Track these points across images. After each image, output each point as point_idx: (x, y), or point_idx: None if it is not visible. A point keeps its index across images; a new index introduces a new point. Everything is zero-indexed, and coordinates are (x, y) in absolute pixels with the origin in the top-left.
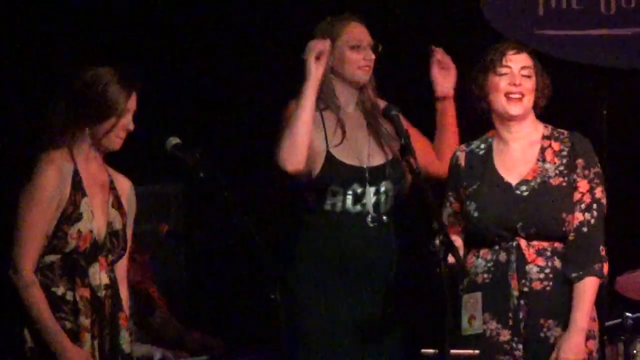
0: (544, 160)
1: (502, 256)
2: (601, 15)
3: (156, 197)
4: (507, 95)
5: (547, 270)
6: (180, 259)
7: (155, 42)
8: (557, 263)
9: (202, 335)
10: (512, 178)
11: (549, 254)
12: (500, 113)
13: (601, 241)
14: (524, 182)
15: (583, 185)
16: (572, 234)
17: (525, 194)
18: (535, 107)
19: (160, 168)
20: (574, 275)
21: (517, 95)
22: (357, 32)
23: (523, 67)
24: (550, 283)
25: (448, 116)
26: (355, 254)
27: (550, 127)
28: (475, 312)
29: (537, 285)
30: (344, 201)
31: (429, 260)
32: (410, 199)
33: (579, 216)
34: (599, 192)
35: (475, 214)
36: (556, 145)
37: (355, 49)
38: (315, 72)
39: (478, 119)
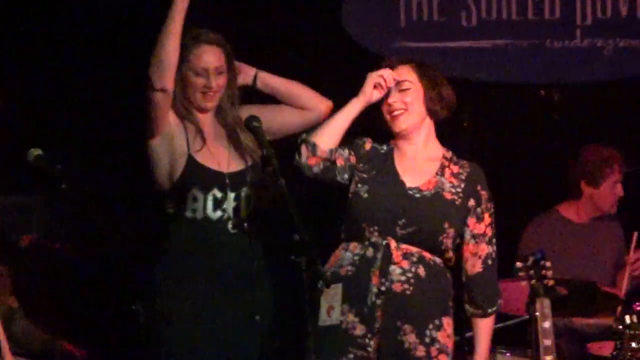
0: (442, 176)
1: (370, 252)
2: (462, 27)
3: (18, 207)
4: (389, 114)
5: (410, 275)
6: (44, 269)
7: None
8: (421, 271)
9: (67, 345)
10: (408, 181)
11: (415, 259)
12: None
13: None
14: (418, 189)
15: (487, 218)
16: (480, 266)
17: (417, 195)
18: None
19: (23, 178)
20: (479, 311)
21: (398, 112)
22: (205, 57)
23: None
24: (411, 288)
25: None
26: (217, 260)
27: (451, 152)
28: (334, 303)
29: (397, 287)
30: (204, 207)
31: (291, 266)
32: (274, 205)
33: (486, 248)
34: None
35: (365, 196)
36: (455, 168)
37: (199, 75)
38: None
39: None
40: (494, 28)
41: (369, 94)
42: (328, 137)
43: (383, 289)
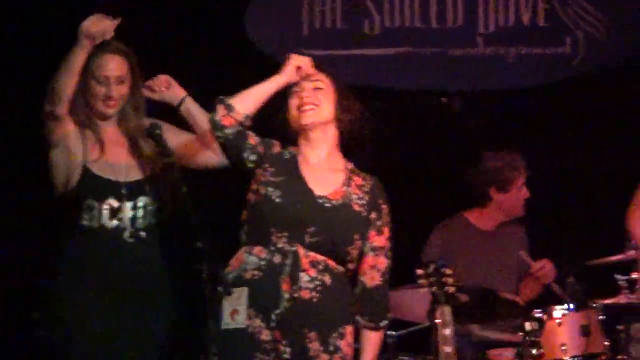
0: (349, 186)
1: (277, 258)
2: (365, 35)
3: None
4: (299, 108)
5: (317, 282)
6: None
7: None
8: (327, 279)
9: None
10: (316, 189)
11: (321, 267)
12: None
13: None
14: (327, 198)
15: (387, 231)
16: (379, 278)
17: (327, 205)
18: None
19: None
20: (372, 324)
21: (309, 106)
22: (106, 66)
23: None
24: (318, 295)
25: None
26: (113, 270)
27: (351, 164)
28: (239, 307)
29: (305, 294)
30: (100, 216)
31: (193, 275)
32: (175, 214)
33: (385, 261)
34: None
35: (278, 200)
36: (358, 180)
37: (101, 84)
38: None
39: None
40: (397, 36)
41: (291, 73)
42: (245, 103)
43: (295, 295)
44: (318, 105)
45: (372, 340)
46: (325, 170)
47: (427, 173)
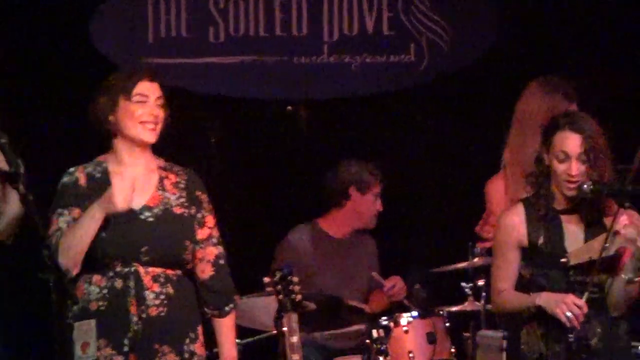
0: (164, 189)
1: (119, 283)
2: (210, 44)
3: None
4: (142, 123)
5: (162, 297)
6: None
7: None
8: (170, 289)
9: None
10: (133, 204)
11: (162, 280)
12: (132, 138)
13: (229, 272)
14: (146, 208)
15: (210, 220)
16: (211, 268)
17: (150, 219)
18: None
19: None
20: (217, 312)
21: (151, 126)
22: None
23: (159, 97)
24: (165, 309)
25: None
26: None
27: (162, 159)
28: (89, 339)
29: (153, 311)
30: None
31: (39, 286)
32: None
33: (214, 250)
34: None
35: (103, 235)
36: (173, 177)
37: None
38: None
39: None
40: (242, 44)
41: (109, 204)
42: (66, 257)
43: (144, 315)
44: (158, 124)
45: (224, 326)
46: (140, 174)
47: (274, 181)
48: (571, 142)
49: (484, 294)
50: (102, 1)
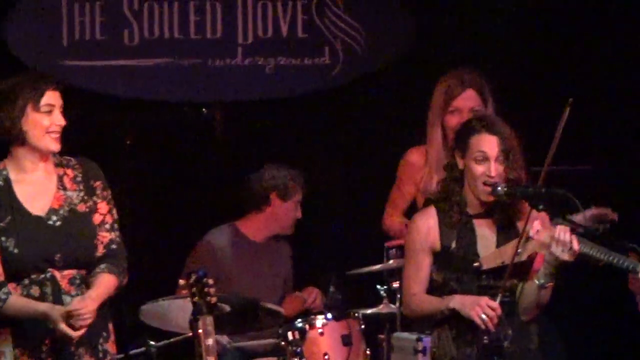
0: (64, 189)
1: (35, 290)
2: (125, 46)
3: None
4: (49, 133)
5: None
6: None
7: None
8: (85, 290)
9: None
10: (39, 210)
11: (78, 281)
12: (40, 148)
13: (126, 257)
14: (52, 211)
15: (103, 206)
16: (102, 250)
17: (58, 223)
18: None
19: None
20: (104, 266)
21: (56, 135)
22: None
23: (61, 105)
24: None
25: None
26: None
27: (57, 155)
28: (4, 349)
29: None
30: None
31: None
32: None
33: (107, 235)
34: (115, 213)
35: (16, 251)
36: (70, 172)
37: None
38: None
39: None
40: (156, 47)
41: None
42: None
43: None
44: (59, 132)
45: (105, 279)
46: (40, 177)
47: (189, 183)
48: (489, 143)
49: (398, 296)
50: (16, 3)
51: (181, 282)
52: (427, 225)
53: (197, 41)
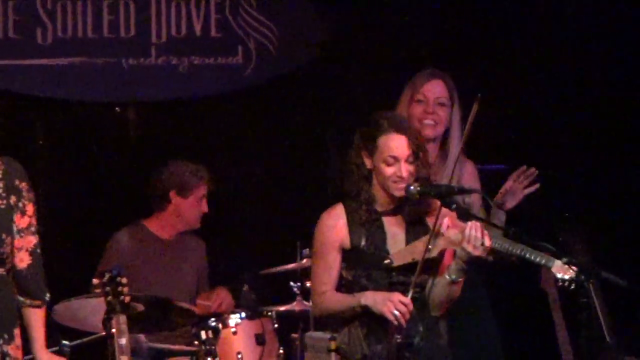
0: None
1: None
2: (37, 45)
3: None
4: None
5: None
6: None
7: None
8: None
9: None
10: None
11: None
12: None
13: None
14: None
15: (30, 208)
16: (29, 258)
17: None
18: None
19: None
20: (38, 302)
21: None
22: None
23: None
24: None
25: None
26: None
27: None
28: None
29: None
30: None
31: None
32: None
33: (33, 239)
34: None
35: None
36: None
37: None
38: None
39: None
40: (70, 46)
41: None
42: None
43: None
44: None
45: (38, 317)
46: None
47: (103, 183)
48: (398, 144)
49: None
50: None
51: (94, 281)
52: (336, 223)
53: (111, 40)
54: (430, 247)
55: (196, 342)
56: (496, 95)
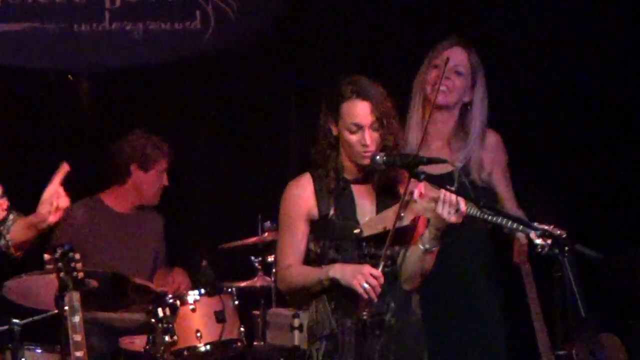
0: None
1: None
2: None
3: None
4: None
5: None
6: None
7: None
8: None
9: None
10: None
11: None
12: None
13: None
14: None
15: None
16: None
17: None
18: None
19: None
20: None
21: None
22: None
23: None
24: None
25: None
26: None
27: None
28: None
29: None
30: None
31: None
32: None
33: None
34: None
35: None
36: None
37: None
38: None
39: None
40: (20, 11)
41: None
42: None
43: None
44: None
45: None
46: None
47: (55, 154)
48: (361, 111)
49: (274, 270)
50: None
51: (46, 256)
52: (303, 193)
53: (62, 5)
54: (402, 214)
55: (153, 320)
56: None
